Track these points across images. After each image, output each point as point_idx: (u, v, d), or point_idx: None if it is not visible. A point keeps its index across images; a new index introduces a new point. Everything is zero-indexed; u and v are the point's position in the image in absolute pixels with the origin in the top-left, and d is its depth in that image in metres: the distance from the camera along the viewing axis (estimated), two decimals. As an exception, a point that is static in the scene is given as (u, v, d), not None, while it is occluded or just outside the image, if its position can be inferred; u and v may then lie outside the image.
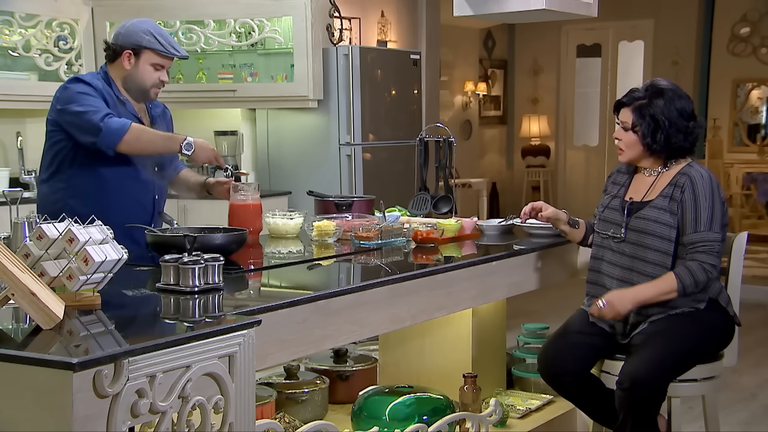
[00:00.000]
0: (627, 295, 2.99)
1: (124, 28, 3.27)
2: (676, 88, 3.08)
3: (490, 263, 3.18)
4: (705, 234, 2.95)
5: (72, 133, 3.17)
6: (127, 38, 3.23)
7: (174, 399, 1.91)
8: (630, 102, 3.08)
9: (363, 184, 5.85)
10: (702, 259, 2.94)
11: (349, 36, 6.70)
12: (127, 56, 3.22)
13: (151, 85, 3.26)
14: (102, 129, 3.06)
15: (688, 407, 4.01)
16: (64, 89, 3.21)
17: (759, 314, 6.52)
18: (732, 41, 9.85)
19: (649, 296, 2.98)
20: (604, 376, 3.12)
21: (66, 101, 3.17)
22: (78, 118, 3.11)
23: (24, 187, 5.12)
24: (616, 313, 3.00)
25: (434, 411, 3.21)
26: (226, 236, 2.88)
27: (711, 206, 2.96)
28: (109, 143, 3.08)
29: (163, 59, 3.24)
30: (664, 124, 3.01)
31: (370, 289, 2.65)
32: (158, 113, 3.42)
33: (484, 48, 11.15)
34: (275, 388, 3.30)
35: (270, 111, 6.08)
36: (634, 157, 3.12)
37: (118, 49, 3.24)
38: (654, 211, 3.03)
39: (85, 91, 3.16)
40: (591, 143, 11.15)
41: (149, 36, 3.20)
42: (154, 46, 3.20)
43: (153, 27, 3.26)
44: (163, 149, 3.23)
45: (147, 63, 3.22)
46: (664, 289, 2.96)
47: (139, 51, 3.21)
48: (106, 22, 5.51)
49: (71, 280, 2.14)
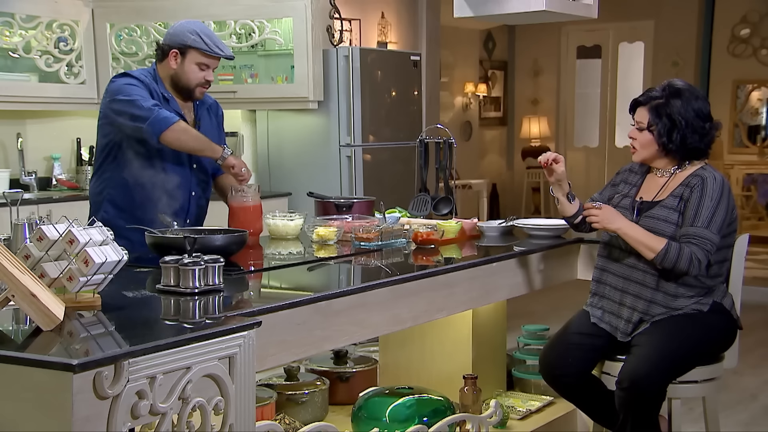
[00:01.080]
0: (618, 219, 2.99)
1: (172, 28, 3.37)
2: (693, 89, 3.08)
3: (491, 264, 3.18)
4: (700, 230, 2.92)
5: (120, 121, 3.25)
6: (174, 38, 3.31)
7: (174, 400, 1.91)
8: (647, 101, 3.07)
9: (363, 185, 5.85)
10: (693, 250, 2.92)
11: (350, 37, 6.70)
12: (174, 55, 3.30)
13: (196, 84, 3.33)
14: (151, 115, 3.16)
15: (689, 408, 4.01)
16: (112, 83, 3.31)
17: (759, 316, 6.51)
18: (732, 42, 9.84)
19: (633, 237, 2.97)
20: (605, 378, 3.12)
21: (115, 92, 3.26)
22: (128, 104, 3.21)
23: (24, 189, 5.12)
24: (597, 221, 3.00)
25: (434, 412, 3.21)
26: (227, 237, 2.88)
27: (714, 207, 2.94)
28: (156, 129, 3.16)
29: (208, 59, 3.31)
30: (681, 124, 3.01)
31: (370, 291, 2.65)
32: (205, 110, 3.49)
33: (485, 49, 11.15)
34: (275, 389, 3.31)
35: (270, 112, 6.08)
36: (648, 157, 3.10)
37: (166, 48, 3.33)
38: (663, 211, 3.02)
39: (132, 83, 3.27)
40: (591, 144, 11.15)
41: (195, 36, 3.28)
42: (199, 45, 3.28)
43: (200, 27, 3.33)
44: (203, 150, 3.30)
45: (192, 62, 3.30)
46: (648, 243, 2.95)
47: (185, 50, 3.29)
48: (107, 23, 5.52)
49: (71, 282, 2.14)
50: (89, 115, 5.28)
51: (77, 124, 5.58)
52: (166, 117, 3.18)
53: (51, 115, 5.51)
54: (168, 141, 3.20)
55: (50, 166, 5.47)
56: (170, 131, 3.17)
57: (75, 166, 5.57)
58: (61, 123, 5.56)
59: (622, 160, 6.78)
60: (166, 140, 3.19)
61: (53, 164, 5.45)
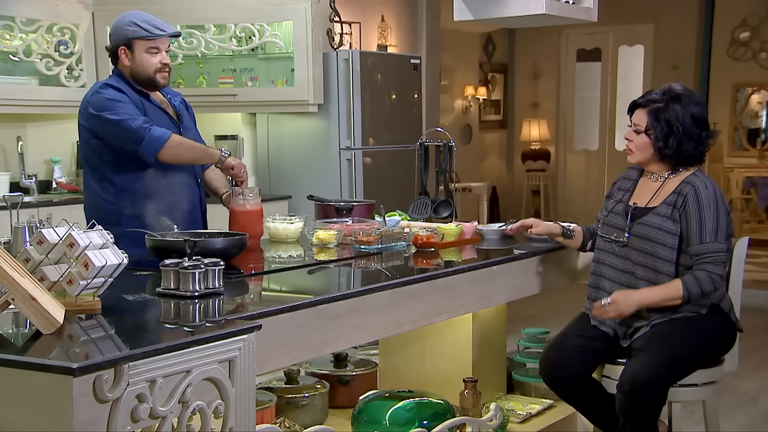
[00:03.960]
0: (632, 297, 2.99)
1: (112, 29, 3.34)
2: (692, 94, 3.08)
3: (491, 268, 3.18)
4: (711, 245, 2.95)
5: (110, 140, 3.21)
6: (116, 36, 3.29)
7: (174, 404, 1.91)
8: (646, 104, 3.08)
9: (363, 188, 5.85)
10: (710, 269, 2.94)
11: (350, 40, 6.71)
12: (123, 53, 3.28)
13: (155, 70, 3.29)
14: (144, 137, 3.13)
15: (689, 412, 4.00)
16: (96, 93, 3.25)
17: (759, 319, 6.51)
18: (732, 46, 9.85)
19: (654, 300, 2.98)
20: (605, 381, 3.12)
21: (100, 107, 3.20)
22: (117, 127, 3.16)
23: (24, 192, 5.13)
24: (618, 313, 2.99)
25: (434, 416, 3.21)
26: (227, 241, 2.88)
27: (716, 217, 2.96)
28: (152, 150, 3.14)
29: (154, 42, 3.27)
30: (678, 131, 3.01)
31: (370, 294, 2.65)
32: (180, 103, 3.46)
33: (485, 52, 11.15)
34: (275, 392, 3.30)
35: (270, 115, 6.08)
36: (643, 160, 3.11)
37: (114, 49, 3.30)
38: (657, 218, 3.03)
39: (117, 98, 3.21)
40: (591, 147, 11.15)
41: (133, 26, 3.25)
42: (140, 33, 3.25)
43: (135, 16, 3.29)
44: (200, 159, 3.29)
45: (141, 52, 3.26)
46: (669, 295, 2.96)
47: (130, 43, 3.26)
48: (107, 26, 5.44)
49: (71, 285, 2.14)
50: (89, 118, 5.27)
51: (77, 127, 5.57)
52: (159, 136, 3.14)
53: (51, 119, 5.52)
54: (165, 158, 3.17)
55: (50, 169, 5.47)
56: (166, 149, 3.15)
57: (75, 169, 5.57)
58: (62, 126, 5.56)
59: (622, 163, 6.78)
60: (163, 158, 3.17)
61: (53, 167, 5.45)
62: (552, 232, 3.35)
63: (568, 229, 3.35)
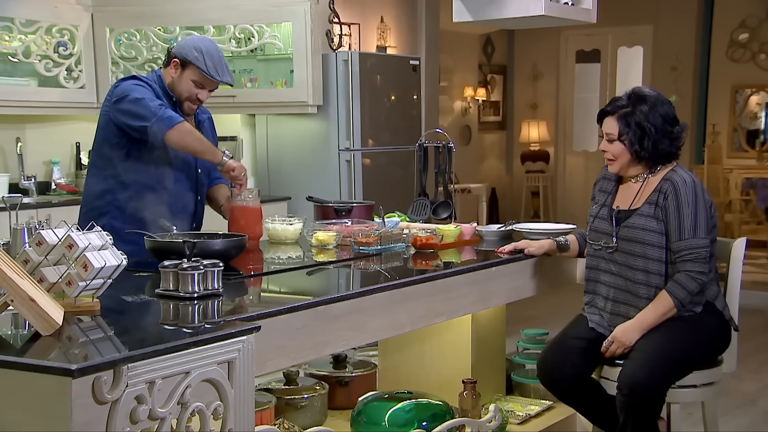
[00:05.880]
0: (631, 327, 3.00)
1: (184, 39, 3.44)
2: (658, 95, 3.09)
3: (490, 269, 3.18)
4: (690, 241, 2.95)
5: (124, 122, 3.23)
6: (180, 49, 3.33)
7: (173, 405, 1.91)
8: (614, 110, 3.08)
9: (362, 189, 5.85)
10: (689, 268, 2.95)
11: (349, 42, 6.71)
12: (175, 65, 3.32)
13: (187, 97, 3.33)
14: (156, 114, 3.16)
15: (688, 413, 4.01)
16: (117, 85, 3.31)
17: (758, 320, 6.52)
18: (731, 47, 9.85)
19: (652, 321, 2.99)
20: (604, 382, 3.12)
21: (121, 94, 3.26)
22: (134, 104, 3.21)
23: (23, 193, 5.12)
24: (625, 347, 3.01)
25: (434, 417, 3.21)
26: (226, 242, 2.88)
27: (694, 212, 2.96)
28: (161, 127, 3.16)
29: (204, 79, 3.31)
30: (651, 131, 3.02)
31: (369, 295, 2.65)
32: (204, 119, 3.51)
33: (484, 53, 11.16)
34: (274, 393, 3.30)
35: (269, 116, 6.08)
36: (623, 166, 3.11)
37: (171, 55, 3.35)
38: (641, 219, 3.04)
39: (139, 84, 3.28)
40: (590, 148, 11.15)
41: (199, 54, 3.29)
42: (199, 64, 3.28)
43: (207, 46, 3.33)
44: (204, 153, 3.29)
45: (189, 77, 3.31)
46: (662, 310, 2.97)
47: (186, 64, 3.31)
48: (106, 28, 5.52)
49: (70, 286, 2.14)
50: (89, 119, 5.27)
51: (77, 128, 5.59)
52: (171, 116, 3.18)
53: (50, 120, 5.52)
54: (172, 140, 3.18)
55: (49, 170, 5.47)
56: (175, 130, 3.16)
57: (74, 170, 5.57)
58: (61, 127, 5.56)
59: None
60: (171, 139, 3.18)
61: (52, 168, 5.45)
62: (546, 248, 3.35)
63: (562, 242, 3.35)
